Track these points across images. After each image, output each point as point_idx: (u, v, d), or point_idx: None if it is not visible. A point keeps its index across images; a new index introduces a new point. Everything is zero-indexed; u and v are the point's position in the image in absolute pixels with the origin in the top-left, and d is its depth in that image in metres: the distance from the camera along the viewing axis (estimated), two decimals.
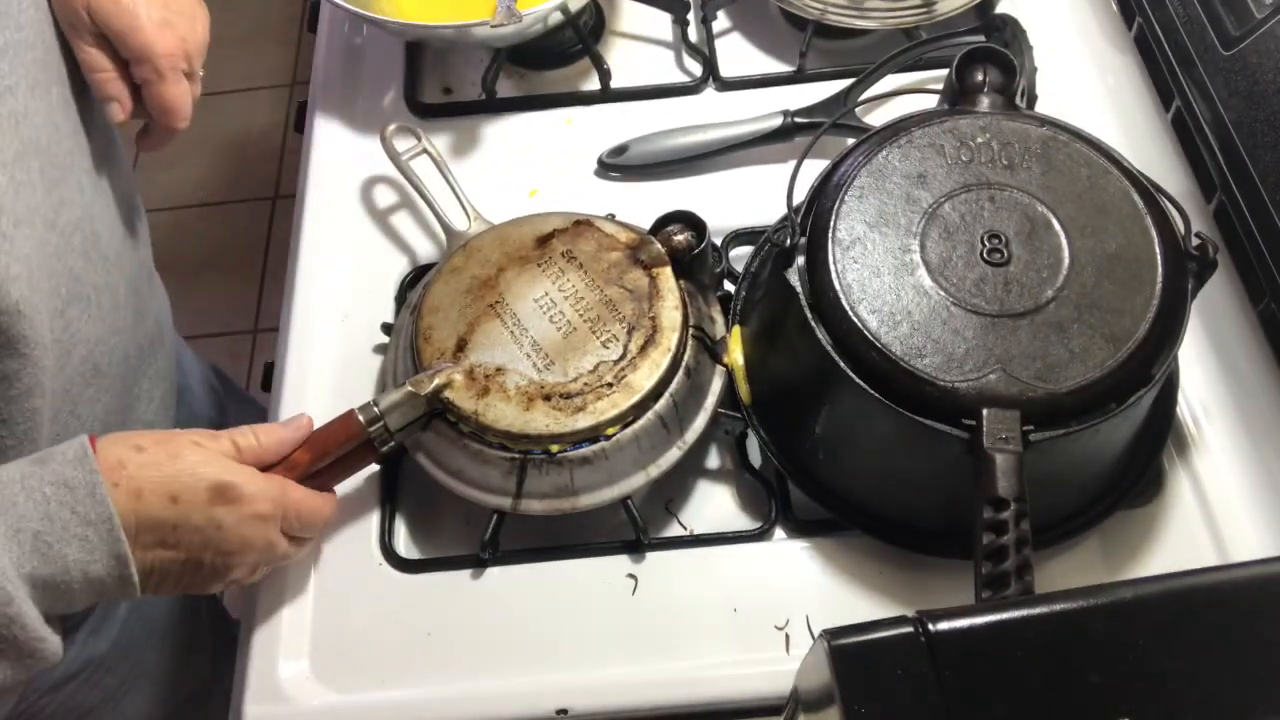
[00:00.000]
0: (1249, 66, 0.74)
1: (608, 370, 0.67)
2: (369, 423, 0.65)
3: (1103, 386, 0.59)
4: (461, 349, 0.68)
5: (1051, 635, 0.43)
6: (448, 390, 0.66)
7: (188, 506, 0.57)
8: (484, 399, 0.66)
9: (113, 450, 0.57)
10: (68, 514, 0.53)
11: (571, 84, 0.93)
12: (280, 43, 2.27)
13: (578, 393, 0.66)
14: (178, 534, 0.57)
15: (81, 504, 0.54)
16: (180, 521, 0.57)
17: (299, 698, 0.66)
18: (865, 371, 0.61)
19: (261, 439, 0.63)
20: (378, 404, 0.65)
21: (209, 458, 0.59)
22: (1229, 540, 0.68)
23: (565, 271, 0.71)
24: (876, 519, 0.68)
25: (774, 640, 0.66)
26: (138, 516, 0.55)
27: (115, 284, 0.69)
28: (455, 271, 0.72)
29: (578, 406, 0.66)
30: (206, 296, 1.88)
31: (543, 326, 0.69)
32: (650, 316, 0.69)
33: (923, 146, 0.67)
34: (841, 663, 0.42)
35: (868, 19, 0.88)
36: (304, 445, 0.64)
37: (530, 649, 0.67)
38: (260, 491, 0.60)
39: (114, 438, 0.58)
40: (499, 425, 0.65)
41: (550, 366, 0.67)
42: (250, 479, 0.60)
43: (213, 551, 0.59)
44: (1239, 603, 0.44)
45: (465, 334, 0.69)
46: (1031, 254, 0.63)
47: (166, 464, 0.57)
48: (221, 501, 0.58)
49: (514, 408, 0.66)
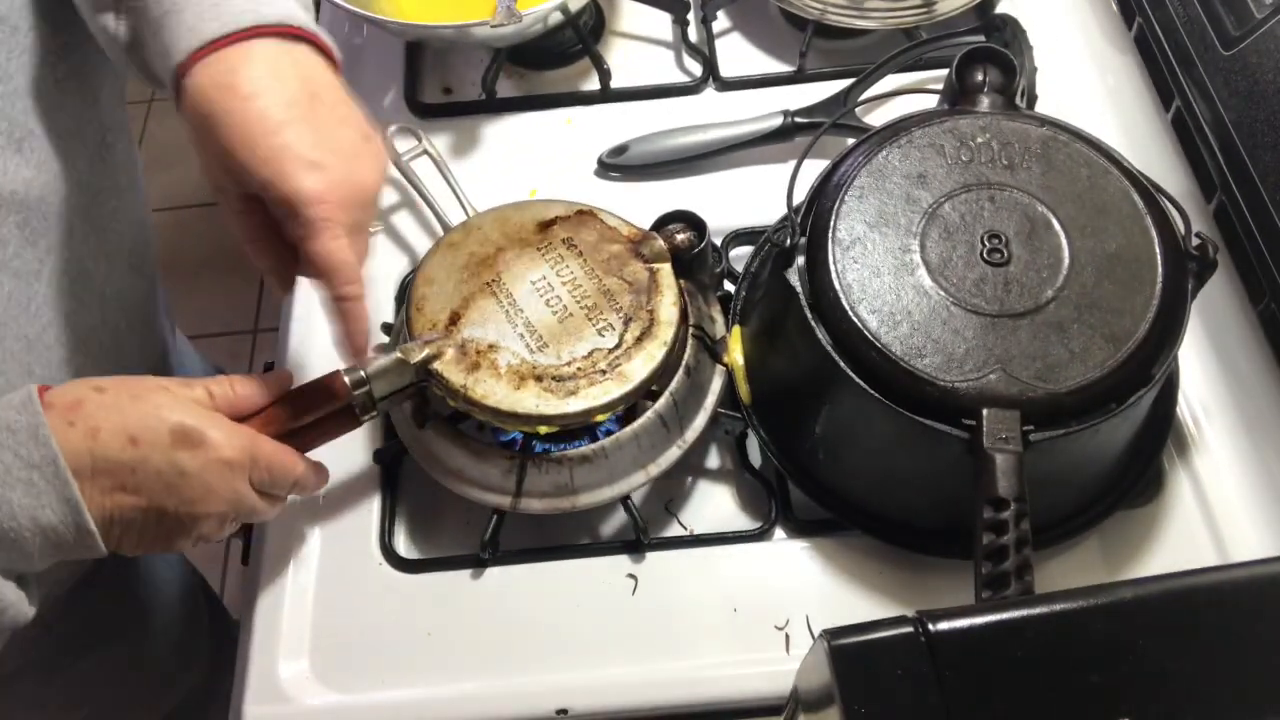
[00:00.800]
0: (1249, 66, 0.74)
1: (602, 357, 0.66)
2: (354, 385, 0.62)
3: (1103, 386, 0.59)
4: (454, 323, 0.67)
5: (1051, 635, 0.43)
6: (438, 362, 0.65)
7: (148, 448, 0.54)
8: (474, 374, 0.65)
9: (71, 391, 0.54)
10: (10, 457, 0.51)
11: (571, 84, 0.93)
12: None
13: (570, 376, 0.65)
14: (137, 477, 0.54)
15: (24, 446, 0.51)
16: (139, 464, 0.54)
17: (299, 698, 0.66)
18: (865, 371, 0.61)
19: (237, 389, 0.60)
20: (365, 367, 0.63)
21: (175, 401, 0.56)
22: (1229, 540, 0.68)
23: (565, 258, 0.71)
24: (876, 519, 0.68)
25: (774, 640, 0.66)
26: (93, 456, 0.53)
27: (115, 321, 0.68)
28: (453, 246, 0.71)
29: (569, 390, 0.65)
30: (206, 296, 1.88)
31: (538, 309, 0.68)
32: (648, 310, 0.68)
33: (923, 146, 0.67)
34: (841, 663, 0.42)
35: (868, 19, 0.88)
36: (282, 400, 0.62)
37: (530, 649, 0.67)
38: (226, 438, 0.56)
39: (75, 381, 0.56)
40: (487, 401, 0.64)
41: (544, 348, 0.67)
42: (217, 424, 0.57)
43: (176, 499, 0.55)
44: (1239, 603, 0.44)
45: (459, 308, 0.68)
46: (1031, 254, 0.63)
47: (128, 405, 0.54)
48: (185, 445, 0.55)
49: (504, 385, 0.65)
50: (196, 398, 0.58)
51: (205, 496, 0.56)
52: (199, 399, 0.58)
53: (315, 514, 0.72)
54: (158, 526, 0.56)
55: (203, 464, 0.55)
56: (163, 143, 2.09)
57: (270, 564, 0.70)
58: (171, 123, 2.14)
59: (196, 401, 0.57)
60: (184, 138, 0.63)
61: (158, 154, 2.15)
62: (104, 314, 0.67)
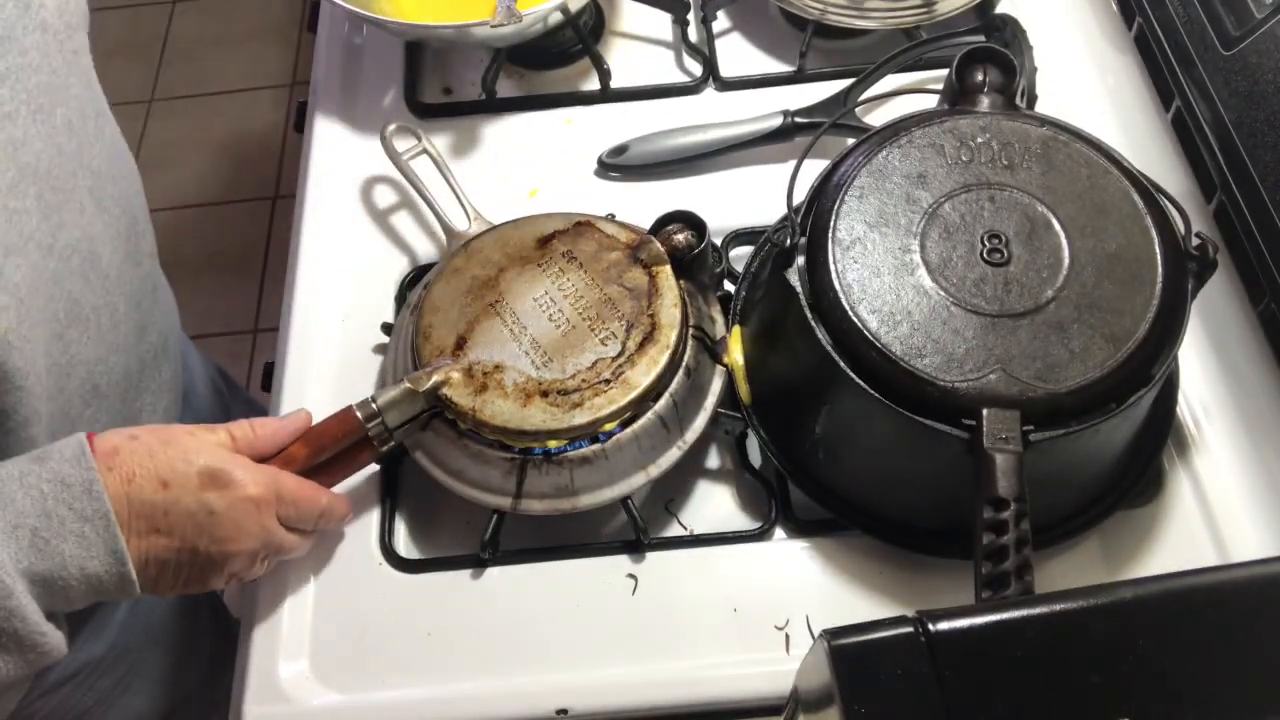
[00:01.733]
0: (1249, 66, 0.74)
1: (605, 367, 0.67)
2: (367, 419, 0.65)
3: (1103, 386, 0.59)
4: (461, 347, 0.68)
5: (1051, 635, 0.43)
6: (446, 387, 0.66)
7: (178, 490, 0.57)
8: (481, 396, 0.66)
9: (108, 439, 0.58)
10: (65, 510, 0.53)
11: (571, 84, 0.93)
12: (280, 43, 2.27)
13: (575, 389, 0.66)
14: (169, 519, 0.57)
15: (78, 500, 0.54)
16: (171, 506, 0.57)
17: (299, 698, 0.66)
18: (865, 371, 0.61)
19: (258, 431, 0.63)
20: (375, 400, 0.66)
21: (201, 445, 0.60)
22: (1229, 540, 0.68)
23: (565, 271, 0.71)
24: (876, 519, 0.68)
25: (774, 640, 0.66)
26: (129, 500, 0.56)
27: (115, 302, 0.69)
28: (456, 272, 0.72)
29: (575, 403, 0.66)
30: (207, 296, 1.88)
31: (542, 325, 0.69)
32: (649, 314, 0.69)
33: (923, 146, 0.67)
34: (841, 663, 0.42)
35: (868, 19, 0.88)
36: (300, 440, 0.65)
37: (530, 649, 0.67)
38: (251, 477, 0.60)
39: (111, 431, 0.59)
40: (496, 421, 0.65)
41: (548, 364, 0.67)
42: (241, 465, 0.60)
43: (207, 538, 0.58)
44: (1239, 603, 0.44)
45: (465, 333, 0.69)
46: (1031, 254, 0.63)
47: (159, 450, 0.58)
48: (212, 486, 0.58)
49: (511, 404, 0.66)
50: (220, 441, 0.61)
51: (235, 535, 0.59)
52: (222, 442, 0.61)
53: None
54: (191, 566, 0.59)
55: (230, 503, 0.59)
56: (163, 142, 2.09)
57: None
58: (172, 123, 2.15)
59: (220, 445, 0.61)
60: (184, 138, 0.63)
61: (158, 154, 2.16)
62: (107, 294, 0.67)
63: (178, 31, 2.30)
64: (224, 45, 2.27)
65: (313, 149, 0.90)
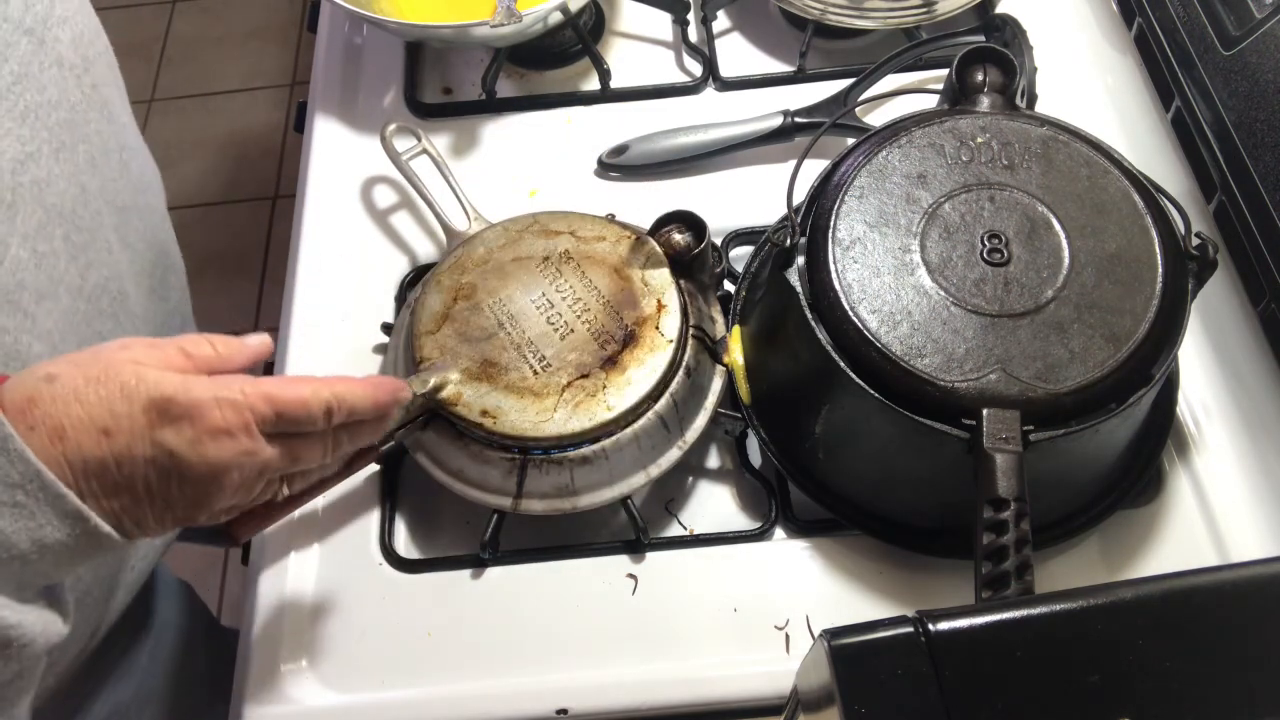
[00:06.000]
0: (1249, 66, 0.74)
1: (606, 370, 0.67)
2: None
3: (1103, 386, 0.59)
4: (459, 350, 0.68)
5: (1051, 635, 0.43)
6: (444, 390, 0.66)
7: (125, 437, 0.45)
8: (481, 399, 0.66)
9: (18, 389, 0.45)
10: None
11: (571, 84, 0.93)
12: (280, 43, 2.27)
13: (574, 390, 0.66)
14: (124, 472, 0.45)
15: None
16: (121, 458, 0.45)
17: (299, 698, 0.66)
18: (865, 371, 0.61)
19: (220, 348, 0.51)
20: None
21: (139, 373, 0.46)
22: (1229, 540, 0.68)
23: (563, 273, 0.71)
24: (876, 519, 0.68)
25: (774, 640, 0.66)
26: (67, 463, 0.44)
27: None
28: (454, 273, 0.72)
29: (574, 403, 0.66)
30: (207, 296, 1.87)
31: (540, 327, 0.69)
32: (649, 317, 0.69)
33: (923, 146, 0.67)
34: (841, 663, 0.42)
35: (868, 19, 0.88)
36: None
37: (530, 649, 0.67)
38: (209, 397, 0.47)
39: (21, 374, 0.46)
40: (495, 426, 0.66)
41: (548, 367, 0.67)
42: (192, 385, 0.47)
43: (177, 483, 0.47)
44: (1239, 603, 0.44)
45: (463, 335, 0.69)
46: (1031, 254, 0.63)
47: (87, 391, 0.45)
48: (166, 422, 0.46)
49: (511, 407, 0.66)
50: (169, 361, 0.48)
51: (210, 473, 0.48)
52: (172, 362, 0.48)
53: (315, 515, 0.72)
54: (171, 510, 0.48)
55: (192, 439, 0.47)
56: (163, 142, 2.09)
57: (270, 564, 0.70)
58: (172, 123, 2.15)
59: (169, 366, 0.48)
60: (184, 138, 0.63)
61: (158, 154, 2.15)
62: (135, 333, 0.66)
63: (178, 31, 2.30)
64: (224, 45, 2.27)
65: (313, 149, 0.90)
